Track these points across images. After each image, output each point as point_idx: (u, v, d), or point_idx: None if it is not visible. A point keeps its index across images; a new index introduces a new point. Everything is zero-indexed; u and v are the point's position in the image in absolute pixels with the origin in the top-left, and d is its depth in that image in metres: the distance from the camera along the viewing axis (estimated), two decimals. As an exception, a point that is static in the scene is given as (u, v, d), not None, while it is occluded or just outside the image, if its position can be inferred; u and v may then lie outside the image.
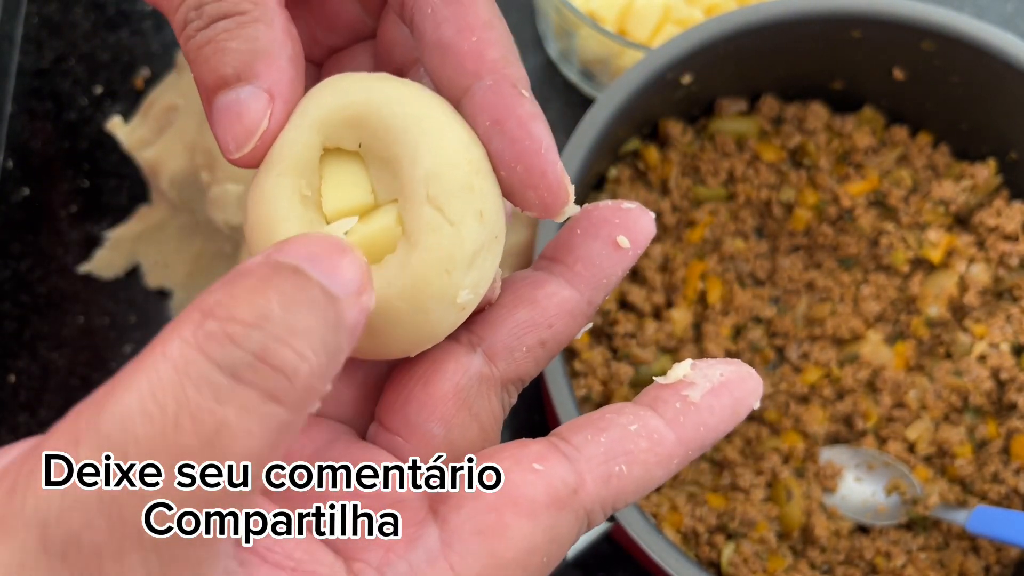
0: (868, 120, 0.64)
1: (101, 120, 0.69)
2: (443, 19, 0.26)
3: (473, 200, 0.25)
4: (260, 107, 0.25)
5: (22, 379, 0.64)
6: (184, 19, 0.26)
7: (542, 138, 0.25)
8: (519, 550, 0.23)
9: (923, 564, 0.55)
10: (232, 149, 0.26)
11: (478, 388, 0.27)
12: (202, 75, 0.26)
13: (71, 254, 0.66)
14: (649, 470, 0.25)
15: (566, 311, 0.28)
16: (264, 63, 0.26)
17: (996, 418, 0.58)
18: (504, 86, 0.25)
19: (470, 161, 0.26)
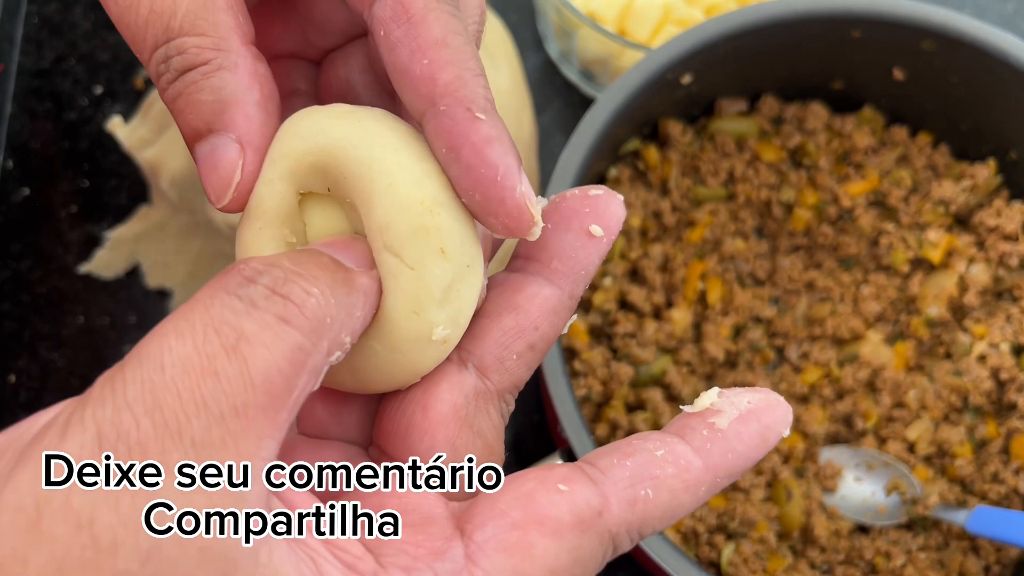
0: (868, 120, 0.64)
1: (101, 120, 0.69)
2: (395, 42, 0.25)
3: (429, 240, 0.25)
4: (232, 157, 0.26)
5: (22, 379, 0.64)
6: (156, 72, 0.26)
7: (497, 163, 0.25)
8: (542, 569, 0.23)
9: (923, 564, 0.55)
10: (214, 199, 0.27)
11: (476, 405, 0.27)
12: (180, 126, 0.27)
13: (71, 254, 0.66)
14: (676, 496, 0.25)
15: (549, 310, 0.28)
16: (232, 111, 0.26)
17: (996, 418, 0.58)
18: (457, 111, 0.25)
19: (421, 202, 0.25)
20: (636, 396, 0.58)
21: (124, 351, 0.64)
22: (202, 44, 0.26)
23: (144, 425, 0.20)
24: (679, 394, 0.58)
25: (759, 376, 0.59)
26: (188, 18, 0.26)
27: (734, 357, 0.60)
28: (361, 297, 0.24)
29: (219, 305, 0.22)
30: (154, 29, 0.26)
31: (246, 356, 0.21)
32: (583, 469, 0.25)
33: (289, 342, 0.22)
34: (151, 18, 0.26)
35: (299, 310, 0.22)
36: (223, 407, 0.21)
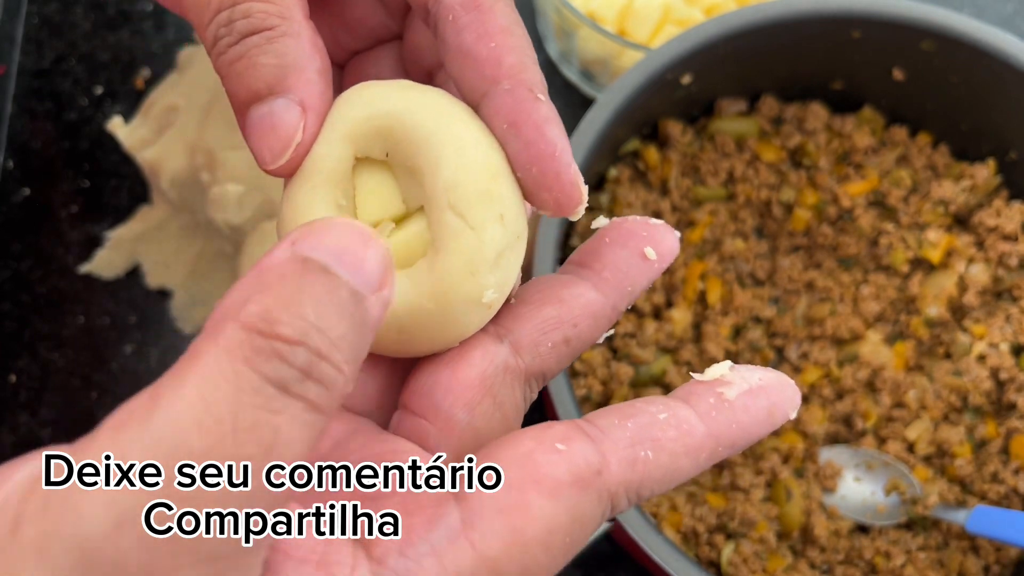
0: (868, 120, 0.64)
1: (101, 120, 0.69)
2: (463, 26, 0.27)
3: (493, 205, 0.26)
4: (293, 119, 0.26)
5: (22, 379, 0.64)
6: (215, 35, 0.27)
7: (556, 141, 0.27)
8: (541, 528, 0.23)
9: (922, 564, 0.55)
10: (268, 160, 0.27)
11: (503, 377, 0.27)
12: (235, 89, 0.27)
13: (71, 254, 0.66)
14: (676, 459, 0.25)
15: (591, 312, 0.28)
16: (295, 76, 0.26)
17: (995, 418, 0.58)
18: (520, 91, 0.26)
19: (488, 167, 0.27)
20: (636, 396, 0.58)
21: (124, 351, 0.65)
22: (269, 10, 0.26)
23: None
24: (679, 394, 0.58)
25: (759, 376, 0.59)
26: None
27: (734, 357, 0.60)
28: (370, 337, 0.22)
29: (251, 393, 0.19)
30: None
31: (280, 455, 0.19)
32: (582, 428, 0.25)
33: (317, 429, 0.20)
34: None
35: (329, 393, 0.20)
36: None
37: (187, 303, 0.66)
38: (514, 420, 0.27)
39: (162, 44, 0.72)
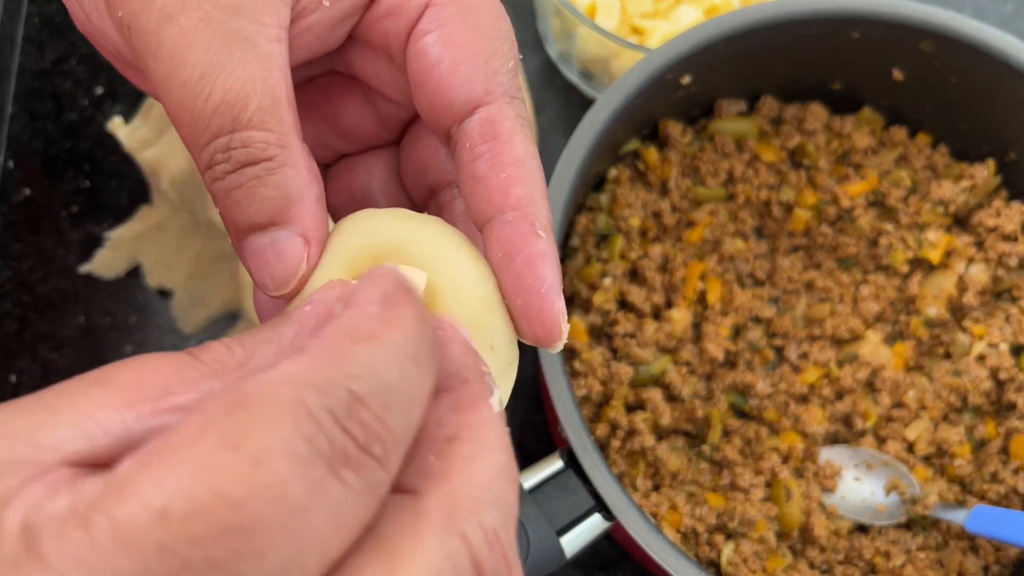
0: (867, 121, 0.64)
1: (102, 121, 0.69)
2: (479, 154, 0.28)
3: (483, 335, 0.28)
4: (297, 251, 0.27)
5: (23, 379, 0.64)
6: (210, 159, 0.26)
7: (546, 278, 0.27)
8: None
9: (922, 564, 0.55)
10: (271, 288, 0.27)
11: None
12: (232, 216, 0.27)
13: (72, 254, 0.66)
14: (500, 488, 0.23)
15: None
16: (296, 208, 0.27)
17: (995, 418, 0.58)
18: (522, 224, 0.28)
19: (480, 298, 0.28)
20: (636, 396, 0.58)
21: (125, 351, 0.65)
22: (268, 139, 0.26)
23: None
24: (679, 394, 0.58)
25: (759, 376, 0.59)
26: (258, 113, 0.26)
27: (733, 357, 0.60)
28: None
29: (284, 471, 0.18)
30: (221, 119, 0.26)
31: None
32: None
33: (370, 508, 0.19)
34: (222, 108, 0.26)
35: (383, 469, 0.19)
36: None
37: (187, 303, 0.66)
38: None
39: (162, 44, 0.72)
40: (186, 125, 0.26)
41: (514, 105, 0.29)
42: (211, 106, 0.26)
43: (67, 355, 0.64)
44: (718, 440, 0.58)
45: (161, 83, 0.26)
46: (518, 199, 0.28)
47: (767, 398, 0.59)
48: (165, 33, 0.26)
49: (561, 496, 0.48)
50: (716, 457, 0.58)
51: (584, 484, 0.48)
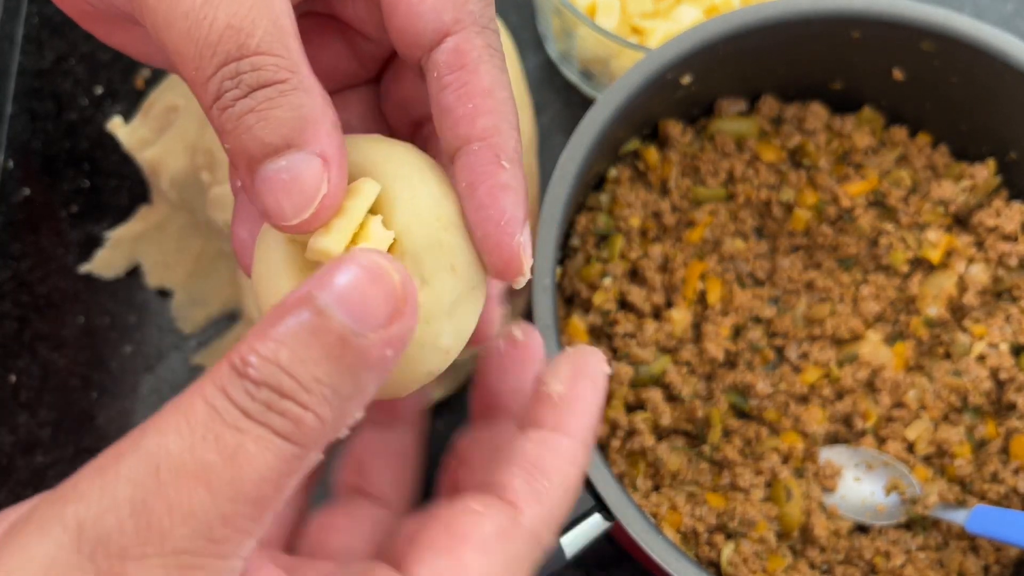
0: (868, 120, 0.64)
1: (102, 120, 0.69)
2: (446, 84, 0.28)
3: (443, 255, 0.27)
4: (315, 172, 0.26)
5: (22, 379, 0.64)
6: (218, 89, 0.25)
7: (505, 210, 0.27)
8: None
9: (922, 564, 0.55)
10: (289, 215, 0.26)
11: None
12: (243, 144, 0.26)
13: (71, 254, 0.66)
14: (566, 475, 0.28)
15: None
16: (312, 129, 0.26)
17: (995, 418, 0.58)
18: (486, 154, 0.27)
19: (439, 218, 0.28)
20: (636, 396, 0.58)
21: (124, 351, 0.65)
22: (279, 63, 0.25)
23: (127, 527, 0.21)
24: (679, 394, 0.58)
25: (759, 376, 0.59)
26: (266, 39, 0.25)
27: (734, 357, 0.60)
28: (375, 373, 0.24)
29: (220, 409, 0.22)
30: (227, 45, 0.25)
31: (241, 467, 0.22)
32: (488, 488, 0.28)
33: (284, 454, 0.22)
34: (227, 33, 0.25)
35: (296, 426, 0.22)
36: (211, 517, 0.21)
37: (187, 303, 0.66)
38: None
39: (162, 44, 0.72)
40: (190, 58, 0.25)
41: (484, 35, 0.28)
42: (216, 32, 0.25)
43: (67, 355, 0.64)
44: (718, 440, 0.58)
45: (161, 18, 0.25)
46: (483, 130, 0.27)
47: (767, 398, 0.59)
48: None
49: (561, 496, 0.48)
50: (716, 457, 0.58)
51: (584, 484, 0.48)
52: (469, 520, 0.26)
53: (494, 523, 0.26)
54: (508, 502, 0.27)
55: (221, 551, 0.21)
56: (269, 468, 0.22)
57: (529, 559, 0.27)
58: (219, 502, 0.21)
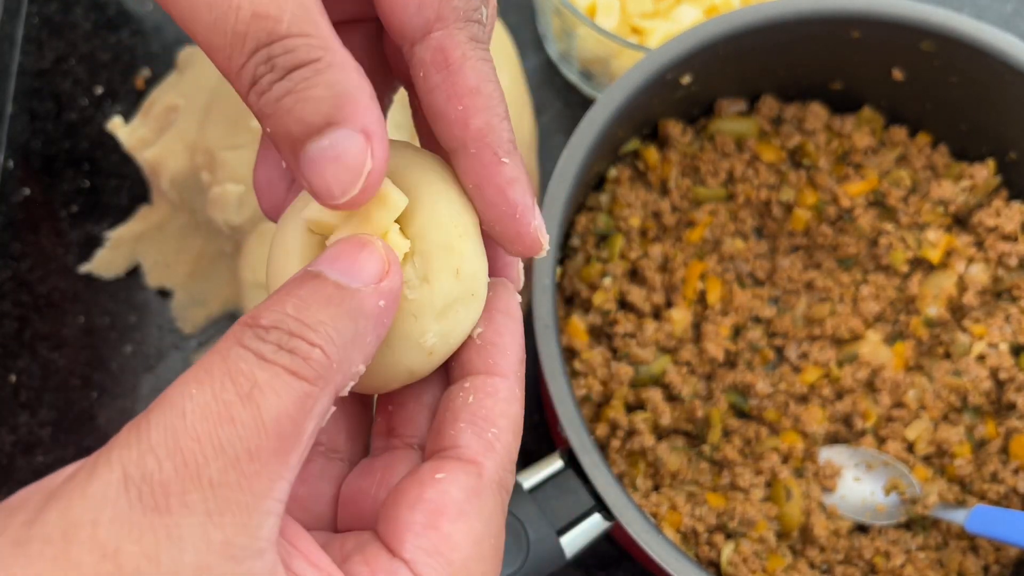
0: (867, 120, 0.64)
1: (102, 120, 0.69)
2: (434, 86, 0.28)
3: (451, 258, 0.29)
4: (359, 148, 0.26)
5: (23, 379, 0.64)
6: (253, 74, 0.26)
7: (517, 203, 0.29)
8: (467, 547, 0.27)
9: (922, 563, 0.55)
10: (337, 193, 0.26)
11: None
12: (286, 126, 0.26)
13: (72, 254, 0.66)
14: (512, 417, 0.29)
15: None
16: (351, 105, 0.26)
17: (995, 418, 0.59)
18: (485, 154, 0.28)
19: (456, 225, 0.29)
20: (636, 396, 0.58)
21: (124, 351, 0.65)
22: (311, 43, 0.26)
23: (166, 467, 0.22)
24: (679, 394, 0.58)
25: (758, 376, 0.59)
26: (295, 22, 0.25)
27: (733, 357, 0.60)
28: (371, 322, 0.26)
29: (235, 357, 0.24)
30: (256, 32, 0.25)
31: (259, 403, 0.23)
32: (442, 453, 0.28)
33: (297, 390, 0.24)
34: (254, 22, 0.25)
35: (306, 363, 0.24)
36: (238, 450, 0.23)
37: (187, 303, 0.66)
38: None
39: (162, 44, 0.72)
40: (221, 48, 0.26)
41: (468, 28, 0.28)
42: (243, 22, 0.25)
43: (67, 355, 0.64)
44: (718, 440, 0.58)
45: (187, 10, 0.26)
46: (477, 130, 0.28)
47: (767, 398, 0.59)
48: None
49: (561, 496, 0.48)
50: (716, 457, 0.58)
51: (584, 484, 0.48)
52: (437, 490, 0.27)
53: (460, 486, 0.27)
54: (467, 461, 0.28)
55: (254, 487, 0.23)
56: (285, 404, 0.23)
57: (500, 506, 0.28)
58: (244, 436, 0.23)
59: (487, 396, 0.29)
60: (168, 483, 0.22)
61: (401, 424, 0.31)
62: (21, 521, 0.22)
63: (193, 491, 0.22)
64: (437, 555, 0.26)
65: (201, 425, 0.23)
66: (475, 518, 0.27)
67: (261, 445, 0.23)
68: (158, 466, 0.22)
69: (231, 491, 0.22)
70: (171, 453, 0.22)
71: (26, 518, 0.22)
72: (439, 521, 0.27)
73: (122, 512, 0.22)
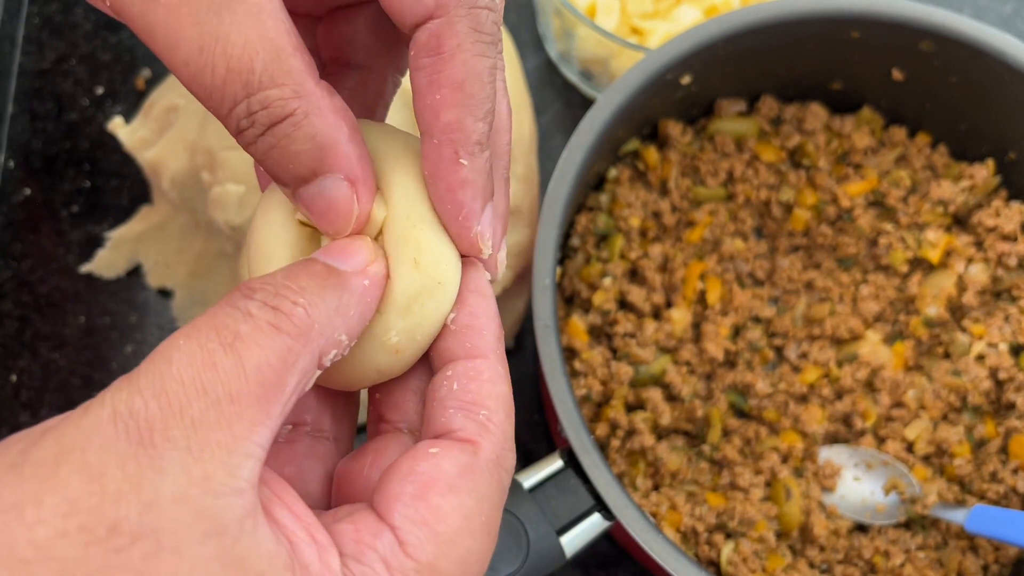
0: (867, 121, 0.64)
1: (102, 120, 0.69)
2: (420, 67, 0.28)
3: (407, 250, 0.29)
4: (345, 195, 0.28)
5: (23, 379, 0.64)
6: (237, 127, 0.27)
7: (463, 205, 0.29)
8: (456, 520, 0.27)
9: (921, 563, 0.55)
10: (333, 232, 0.29)
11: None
12: (276, 174, 0.28)
13: (72, 254, 0.66)
14: (496, 395, 0.29)
15: None
16: (332, 154, 0.28)
17: (994, 418, 0.59)
18: (445, 150, 0.29)
19: (408, 216, 0.29)
20: (636, 396, 0.58)
21: (125, 351, 0.65)
22: (284, 94, 0.26)
23: (151, 406, 0.24)
24: (679, 394, 0.58)
25: (758, 376, 0.59)
26: (266, 72, 0.26)
27: (733, 357, 0.60)
28: (355, 297, 0.28)
29: (222, 314, 0.25)
30: (232, 88, 0.26)
31: (240, 352, 0.25)
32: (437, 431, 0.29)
33: (279, 344, 0.25)
34: (229, 77, 0.26)
35: (288, 318, 0.26)
36: (219, 393, 0.24)
37: (188, 303, 0.66)
38: None
39: (163, 44, 0.72)
40: (206, 100, 0.27)
41: (470, 17, 0.28)
42: (219, 78, 0.26)
43: (67, 355, 0.65)
44: (718, 440, 0.58)
45: (167, 61, 0.27)
46: (446, 124, 0.28)
47: (767, 398, 0.59)
48: (152, 16, 0.26)
49: (561, 496, 0.48)
50: (716, 457, 0.58)
51: (584, 484, 0.48)
52: (430, 464, 0.27)
53: (454, 461, 0.27)
54: (463, 440, 0.28)
55: (233, 429, 0.24)
56: (266, 355, 0.25)
57: (497, 485, 0.28)
58: (225, 380, 0.24)
59: (471, 380, 0.29)
60: (153, 419, 0.23)
61: (389, 411, 0.32)
62: (18, 449, 0.24)
63: (175, 427, 0.23)
64: (423, 525, 0.27)
65: (186, 371, 0.24)
66: (467, 494, 0.27)
67: (242, 390, 0.24)
68: (144, 405, 0.24)
69: (211, 430, 0.24)
70: (157, 394, 0.24)
71: (23, 447, 0.24)
72: (428, 493, 0.27)
73: (110, 441, 0.23)
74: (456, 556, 0.27)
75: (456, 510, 0.27)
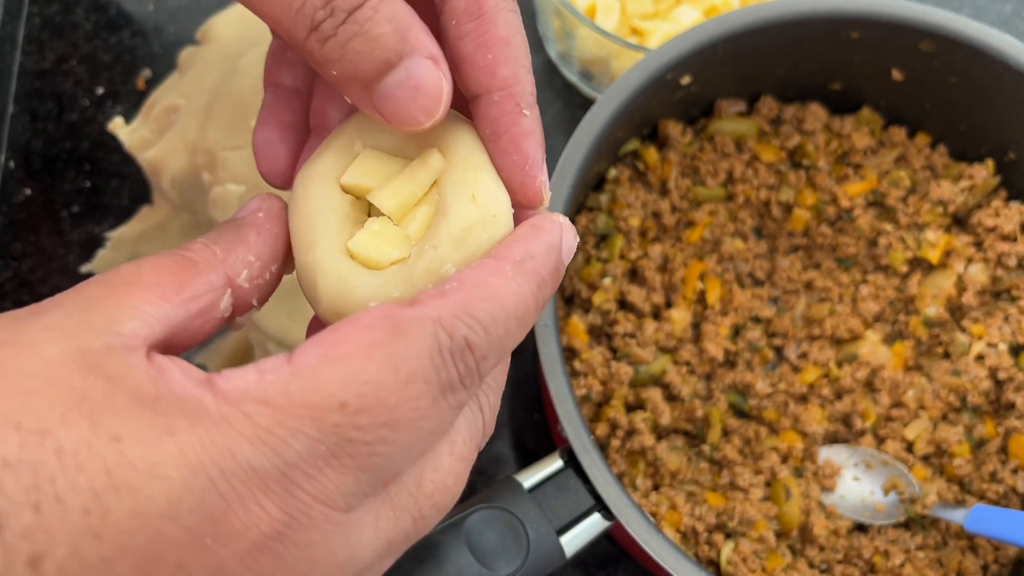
0: (867, 121, 0.64)
1: (103, 121, 0.69)
2: (464, 33, 0.29)
3: (467, 188, 0.30)
4: (433, 74, 0.28)
5: (24, 379, 0.64)
6: (311, 21, 0.27)
7: (528, 155, 0.30)
8: (357, 349, 0.25)
9: (921, 563, 0.55)
10: (423, 119, 0.28)
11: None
12: (356, 68, 0.27)
13: (73, 254, 0.67)
14: (484, 279, 0.28)
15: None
16: (414, 35, 0.27)
17: (994, 417, 0.59)
18: (507, 104, 0.29)
19: (468, 160, 0.30)
20: (636, 396, 0.58)
21: (125, 351, 0.65)
22: None
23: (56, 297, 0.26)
24: (679, 394, 0.58)
25: (758, 376, 0.59)
26: None
27: (733, 357, 0.60)
28: (252, 229, 0.30)
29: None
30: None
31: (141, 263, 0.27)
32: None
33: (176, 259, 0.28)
34: None
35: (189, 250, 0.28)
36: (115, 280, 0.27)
37: (188, 303, 0.66)
38: None
39: (163, 45, 0.72)
40: (278, 6, 0.27)
41: None
42: None
43: (68, 355, 0.64)
44: (718, 440, 0.58)
45: None
46: (503, 80, 0.29)
47: (767, 398, 0.59)
48: None
49: (561, 496, 0.48)
50: (716, 457, 0.58)
51: (584, 484, 0.48)
52: (362, 313, 0.26)
53: (384, 311, 0.26)
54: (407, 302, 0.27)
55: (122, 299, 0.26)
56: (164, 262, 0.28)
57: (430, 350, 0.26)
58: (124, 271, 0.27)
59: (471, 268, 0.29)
60: (51, 301, 0.26)
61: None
62: None
63: (70, 300, 0.25)
64: (316, 343, 0.25)
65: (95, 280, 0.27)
66: (384, 334, 0.25)
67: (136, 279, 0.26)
68: (51, 299, 0.26)
69: (100, 298, 0.25)
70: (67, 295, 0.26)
71: None
72: (343, 327, 0.26)
73: (8, 316, 0.25)
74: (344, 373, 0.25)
75: (362, 341, 0.25)
